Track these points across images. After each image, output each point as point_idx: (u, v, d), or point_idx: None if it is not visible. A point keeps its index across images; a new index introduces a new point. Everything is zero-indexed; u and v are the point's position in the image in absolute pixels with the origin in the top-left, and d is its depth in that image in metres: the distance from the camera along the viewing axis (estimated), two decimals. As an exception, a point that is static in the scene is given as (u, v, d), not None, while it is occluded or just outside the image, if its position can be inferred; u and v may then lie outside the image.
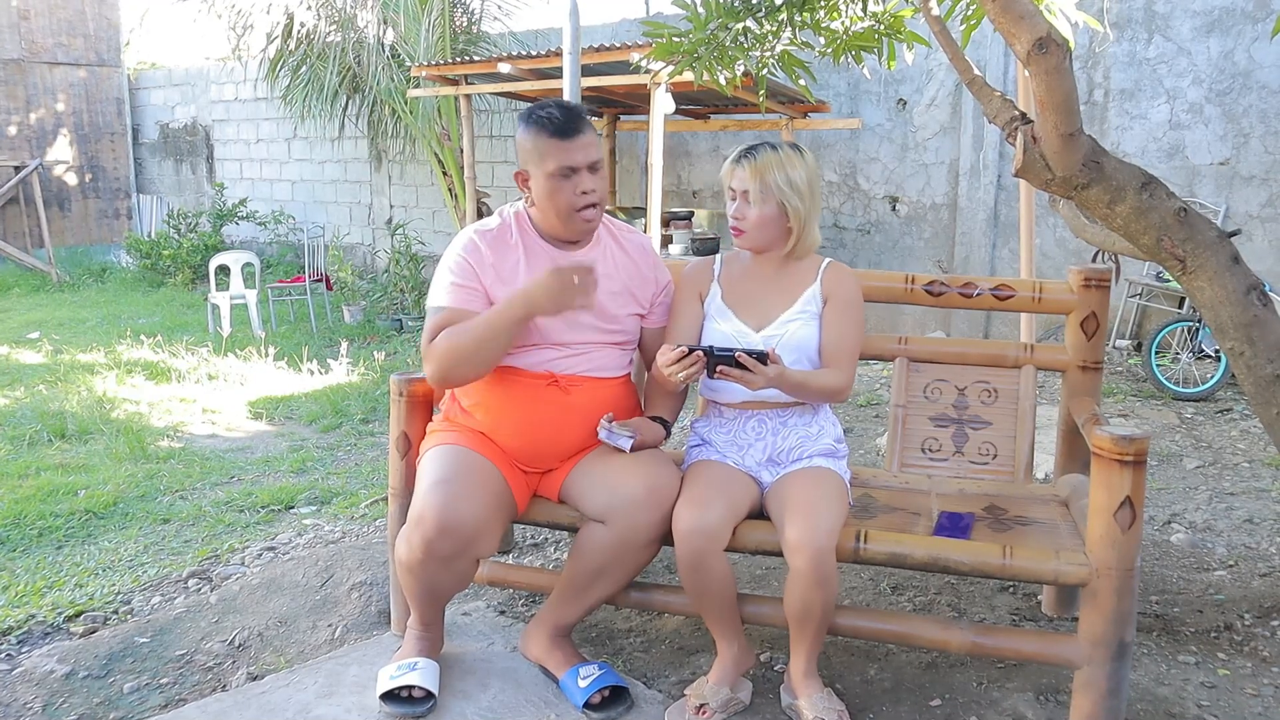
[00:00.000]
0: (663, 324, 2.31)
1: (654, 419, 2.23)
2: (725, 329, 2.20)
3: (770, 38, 2.84)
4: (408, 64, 8.27)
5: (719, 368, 1.99)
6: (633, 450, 2.11)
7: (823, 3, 2.79)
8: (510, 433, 2.16)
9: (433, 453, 2.14)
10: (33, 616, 2.72)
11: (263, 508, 3.78)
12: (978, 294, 2.48)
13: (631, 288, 2.26)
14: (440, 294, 2.15)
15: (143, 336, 7.44)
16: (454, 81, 7.22)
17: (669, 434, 2.26)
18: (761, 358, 1.98)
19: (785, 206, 2.15)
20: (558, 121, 2.08)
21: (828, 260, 2.27)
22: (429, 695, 2.08)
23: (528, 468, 2.20)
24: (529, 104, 8.50)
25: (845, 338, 2.18)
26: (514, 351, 2.15)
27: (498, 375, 2.17)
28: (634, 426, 2.14)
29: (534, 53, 6.60)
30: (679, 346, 2.01)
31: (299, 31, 9.13)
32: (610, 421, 2.13)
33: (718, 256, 2.35)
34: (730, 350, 1.99)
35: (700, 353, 2.00)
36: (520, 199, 2.26)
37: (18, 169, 11.79)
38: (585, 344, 2.19)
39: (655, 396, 2.28)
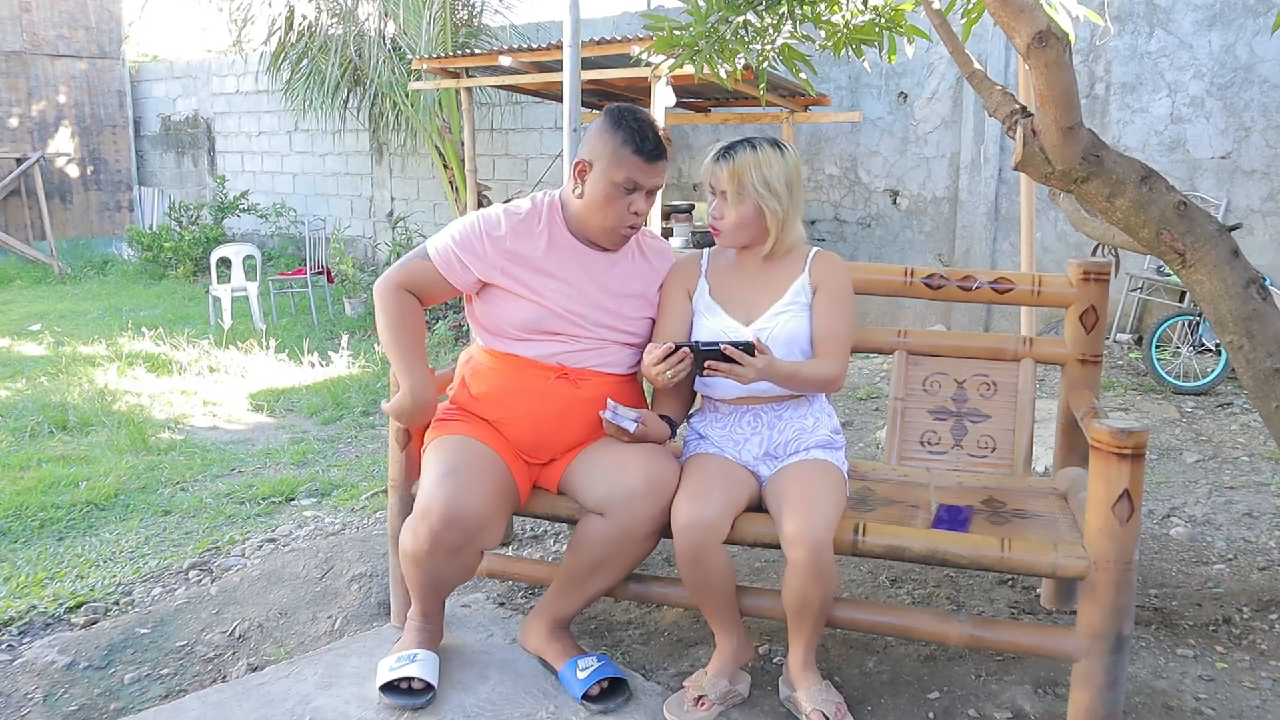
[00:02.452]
0: None
1: (661, 417, 2.22)
2: (714, 325, 2.19)
3: (771, 31, 2.84)
4: (409, 57, 8.27)
5: (706, 363, 1.98)
6: (636, 437, 2.11)
7: (823, -5, 2.79)
8: (517, 422, 2.16)
9: (438, 443, 2.14)
10: (34, 607, 2.73)
11: (263, 500, 3.79)
12: (976, 287, 2.48)
13: (647, 292, 2.28)
14: (436, 244, 2.21)
15: (144, 329, 7.44)
16: (455, 74, 7.22)
17: (674, 434, 2.25)
18: (748, 349, 1.97)
19: (762, 208, 2.14)
20: (649, 141, 2.11)
21: (815, 249, 2.25)
22: (428, 687, 2.08)
23: (530, 458, 2.21)
24: (529, 96, 8.53)
25: (836, 327, 2.17)
26: (525, 341, 2.17)
27: (508, 365, 2.18)
28: (640, 414, 2.14)
29: (534, 46, 6.60)
30: (665, 344, 2.01)
31: (300, 24, 9.12)
32: (615, 405, 2.12)
33: (705, 251, 2.33)
34: (715, 344, 1.97)
35: (685, 349, 1.99)
36: (548, 187, 2.27)
37: (19, 161, 11.80)
38: (596, 339, 2.20)
39: (661, 396, 2.28)
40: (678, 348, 1.99)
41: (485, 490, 2.02)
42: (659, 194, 2.19)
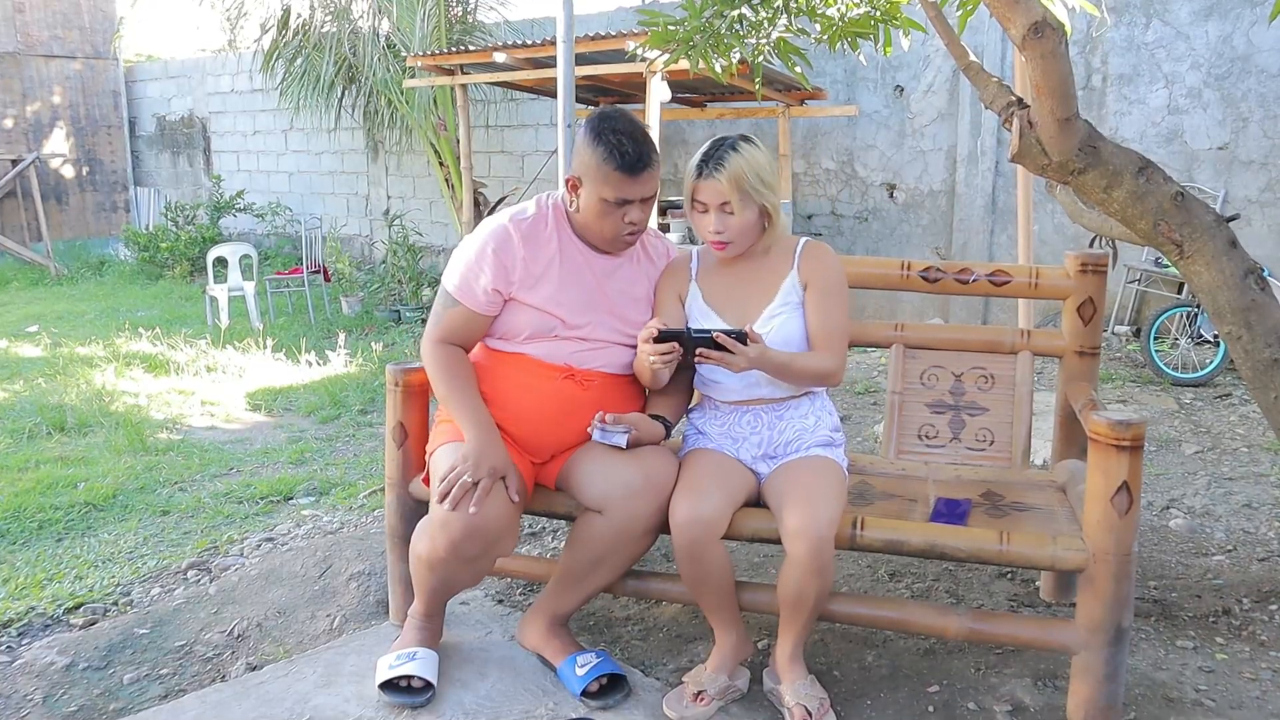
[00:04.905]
0: None
1: (654, 417, 2.19)
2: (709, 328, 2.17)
3: (766, 25, 2.82)
4: (403, 54, 8.24)
5: (698, 350, 1.97)
6: (629, 446, 2.09)
7: (818, -12, 2.78)
8: (521, 422, 2.14)
9: (450, 449, 2.10)
10: (33, 609, 2.73)
11: (261, 499, 3.78)
12: (974, 280, 2.47)
13: (650, 294, 2.27)
14: (454, 283, 2.14)
15: (141, 329, 7.43)
16: (449, 71, 7.20)
17: (669, 434, 2.22)
18: (740, 337, 1.96)
19: (765, 206, 2.11)
20: (629, 156, 2.02)
21: (804, 241, 2.21)
22: (428, 685, 2.08)
23: (534, 458, 2.20)
24: (524, 92, 8.51)
25: (831, 321, 2.13)
26: (532, 340, 2.14)
27: (514, 364, 2.16)
28: (630, 422, 2.10)
29: (529, 42, 6.58)
30: (653, 326, 1.99)
31: (294, 22, 9.10)
32: (603, 420, 2.08)
33: (694, 253, 2.28)
34: (707, 331, 1.96)
35: (674, 343, 1.98)
36: (543, 183, 2.26)
37: (15, 162, 11.78)
38: (601, 340, 2.18)
39: (657, 395, 2.25)
40: (668, 334, 1.98)
41: (502, 498, 2.00)
42: (657, 195, 2.14)
